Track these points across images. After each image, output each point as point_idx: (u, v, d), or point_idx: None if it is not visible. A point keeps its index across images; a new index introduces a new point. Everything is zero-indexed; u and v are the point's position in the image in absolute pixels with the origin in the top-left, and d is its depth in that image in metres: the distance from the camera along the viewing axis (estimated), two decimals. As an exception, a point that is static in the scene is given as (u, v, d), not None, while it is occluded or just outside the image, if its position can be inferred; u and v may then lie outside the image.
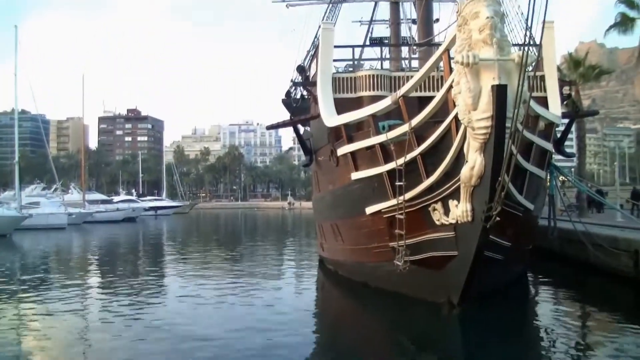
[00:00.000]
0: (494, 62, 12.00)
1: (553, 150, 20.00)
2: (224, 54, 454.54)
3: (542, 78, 21.30)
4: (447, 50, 14.08)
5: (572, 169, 42.43)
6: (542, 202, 21.62)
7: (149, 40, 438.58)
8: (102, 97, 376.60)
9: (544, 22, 10.78)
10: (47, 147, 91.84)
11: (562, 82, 24.56)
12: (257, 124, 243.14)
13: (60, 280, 24.68)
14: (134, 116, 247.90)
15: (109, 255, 37.79)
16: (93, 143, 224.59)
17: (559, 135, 22.92)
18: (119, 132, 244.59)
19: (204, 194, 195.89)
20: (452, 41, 13.36)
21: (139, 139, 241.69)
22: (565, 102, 25.87)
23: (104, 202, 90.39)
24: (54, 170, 74.44)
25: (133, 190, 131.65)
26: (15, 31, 61.35)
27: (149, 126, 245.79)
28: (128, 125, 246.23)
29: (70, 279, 24.71)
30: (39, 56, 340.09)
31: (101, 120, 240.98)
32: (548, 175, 21.12)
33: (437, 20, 30.47)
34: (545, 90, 21.11)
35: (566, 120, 24.77)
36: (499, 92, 11.88)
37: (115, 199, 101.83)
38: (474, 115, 12.32)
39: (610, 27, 40.31)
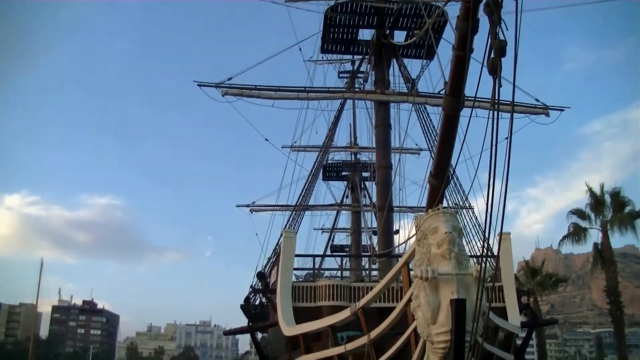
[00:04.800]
0: (452, 277, 12.05)
1: (514, 361, 19.75)
2: (184, 254, 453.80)
3: (501, 289, 21.52)
4: (407, 263, 14.23)
5: (535, 378, 42.01)
6: (505, 415, 21.05)
7: (111, 230, 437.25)
8: (59, 285, 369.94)
9: (500, 234, 11.02)
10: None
11: (520, 292, 24.73)
12: (214, 325, 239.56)
13: None
14: (89, 308, 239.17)
15: None
16: (44, 332, 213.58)
17: (519, 343, 22.79)
18: (72, 323, 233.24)
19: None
20: (412, 254, 13.49)
21: (92, 332, 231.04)
22: (524, 312, 25.98)
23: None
24: (-2, 357, 71.43)
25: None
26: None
27: (104, 320, 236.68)
28: (82, 317, 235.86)
29: None
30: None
31: (55, 309, 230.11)
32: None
33: (397, 231, 31.11)
34: (503, 301, 21.25)
35: (526, 329, 24.78)
36: (458, 306, 11.82)
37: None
38: (433, 329, 12.15)
39: (565, 237, 41.90)
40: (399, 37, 32.29)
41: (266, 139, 36.73)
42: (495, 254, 16.08)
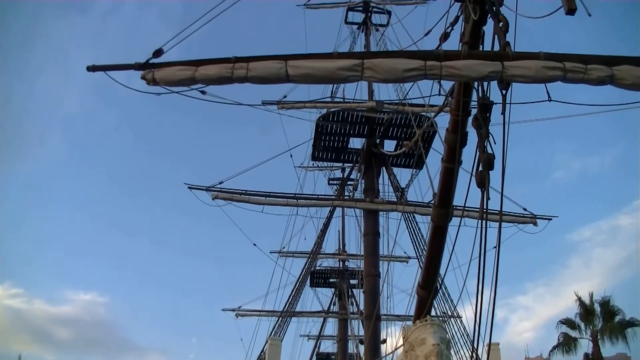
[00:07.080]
0: (440, 388, 11.83)
1: None
2: (167, 356, 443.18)
3: (488, 402, 21.07)
4: (394, 375, 13.97)
5: None
6: None
7: (93, 327, 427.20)
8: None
9: (489, 344, 10.86)
10: None
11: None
12: None
13: None
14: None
15: None
16: None
17: None
18: None
19: None
20: (399, 366, 13.27)
21: None
22: None
23: None
24: None
25: None
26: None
27: None
28: None
29: None
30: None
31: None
32: None
33: (384, 340, 30.63)
34: (493, 410, 20.80)
35: None
36: (446, 419, 11.57)
37: None
38: None
39: (555, 347, 41.18)
40: (389, 146, 32.56)
41: (254, 244, 36.50)
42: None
